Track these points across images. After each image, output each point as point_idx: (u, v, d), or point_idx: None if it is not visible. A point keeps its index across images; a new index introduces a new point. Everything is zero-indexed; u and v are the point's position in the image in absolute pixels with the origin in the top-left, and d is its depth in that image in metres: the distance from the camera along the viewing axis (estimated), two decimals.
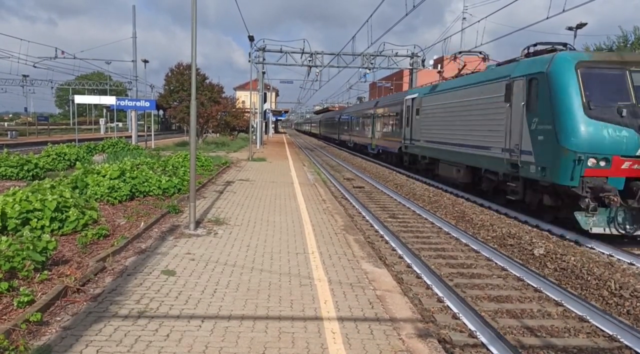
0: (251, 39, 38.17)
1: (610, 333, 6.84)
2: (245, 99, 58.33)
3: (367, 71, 47.98)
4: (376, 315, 6.03)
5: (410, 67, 46.35)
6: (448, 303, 7.80)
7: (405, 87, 55.37)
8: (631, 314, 7.66)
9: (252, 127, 40.18)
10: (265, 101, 50.01)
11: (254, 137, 40.85)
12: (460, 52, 22.71)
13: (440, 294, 8.18)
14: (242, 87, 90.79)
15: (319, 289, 6.85)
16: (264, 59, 45.05)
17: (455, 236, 12.51)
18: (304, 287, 6.94)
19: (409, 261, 10.11)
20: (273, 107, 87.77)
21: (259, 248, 9.01)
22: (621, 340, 6.64)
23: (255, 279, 7.19)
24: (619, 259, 10.07)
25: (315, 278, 7.35)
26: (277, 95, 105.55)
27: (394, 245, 11.39)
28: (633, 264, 9.73)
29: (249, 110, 46.72)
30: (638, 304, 7.81)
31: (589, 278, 9.04)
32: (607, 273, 9.02)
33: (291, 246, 9.22)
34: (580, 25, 34.14)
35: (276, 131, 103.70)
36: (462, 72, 21.92)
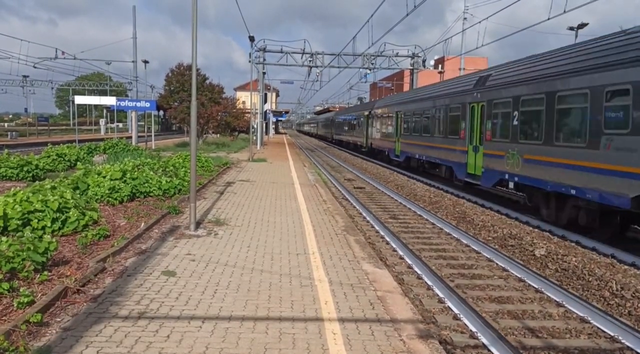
0: (251, 39, 38.23)
1: (612, 334, 6.82)
2: (246, 99, 58.34)
3: (368, 71, 48.08)
4: (377, 316, 6.02)
5: (411, 68, 46.39)
6: (449, 303, 7.78)
7: (406, 87, 55.34)
8: (632, 315, 7.64)
9: (253, 127, 40.18)
10: (265, 102, 50.01)
11: (255, 137, 40.84)
12: None
13: (441, 295, 8.16)
14: (243, 88, 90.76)
15: (320, 290, 6.84)
16: (264, 60, 45.10)
17: (456, 236, 12.49)
18: (305, 288, 6.92)
19: (409, 262, 10.10)
20: (273, 107, 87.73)
21: (259, 249, 8.99)
22: (622, 341, 6.62)
23: (256, 280, 7.17)
24: (621, 260, 10.05)
25: (315, 279, 7.33)
26: (277, 95, 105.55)
27: (394, 246, 11.38)
28: (635, 265, 9.70)
29: (249, 110, 46.71)
30: (639, 304, 7.79)
31: (590, 279, 9.03)
32: (609, 273, 9.00)
33: (292, 247, 9.21)
34: (582, 26, 34.19)
35: (277, 132, 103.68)
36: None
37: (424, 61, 46.01)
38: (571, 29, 34.83)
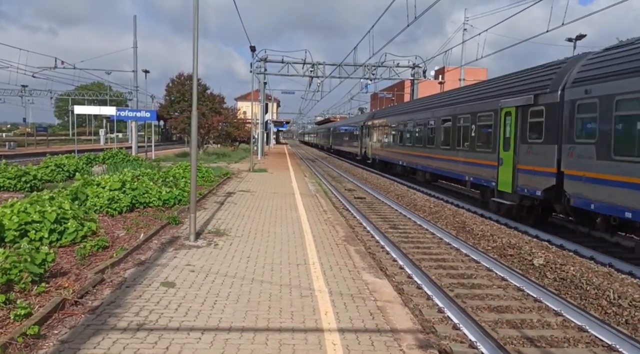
0: (252, 49, 38.32)
1: (609, 343, 6.82)
2: (247, 109, 58.37)
3: (369, 82, 48.07)
4: (377, 326, 6.00)
5: (412, 78, 46.49)
6: (448, 313, 7.77)
7: (407, 98, 55.54)
8: (630, 324, 7.64)
9: (253, 138, 40.23)
10: (266, 112, 50.11)
11: (255, 148, 40.89)
12: None
13: (440, 305, 8.15)
14: (244, 98, 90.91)
15: (320, 301, 6.82)
16: (265, 70, 45.28)
17: (455, 246, 12.47)
18: (305, 298, 6.90)
19: (409, 272, 10.08)
20: (274, 117, 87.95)
21: (259, 259, 8.98)
22: (620, 350, 6.60)
23: (256, 291, 7.16)
24: (618, 269, 10.05)
25: (316, 289, 7.31)
26: (278, 105, 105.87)
27: (394, 256, 11.37)
28: (632, 274, 9.70)
29: (250, 121, 46.80)
30: (637, 313, 7.79)
31: (588, 288, 9.02)
32: (606, 282, 9.00)
33: (292, 257, 9.19)
34: (580, 37, 34.38)
35: (277, 142, 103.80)
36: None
37: (424, 72, 46.08)
38: (569, 40, 35.01)
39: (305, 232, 11.52)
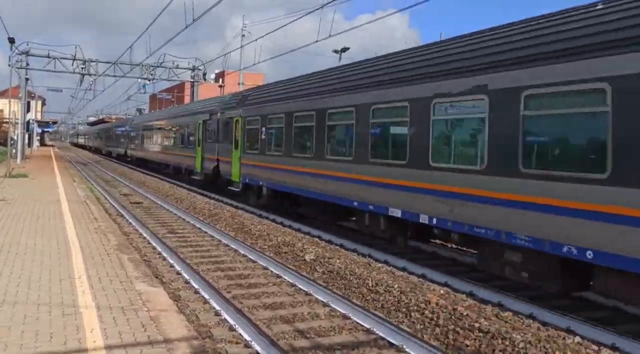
0: (11, 41, 34.71)
1: (368, 327, 7.52)
2: (4, 107, 52.19)
3: (147, 82, 46.68)
4: (149, 338, 5.80)
5: (192, 80, 46.25)
6: (225, 315, 7.83)
7: (187, 99, 54.88)
8: (385, 308, 8.54)
9: (12, 139, 36.12)
10: (28, 110, 45.46)
11: (14, 150, 36.77)
12: None
13: (217, 308, 8.18)
14: (1, 95, 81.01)
15: (85, 318, 6.36)
16: (27, 64, 41.37)
17: (234, 247, 12.67)
18: (67, 317, 6.37)
19: (187, 277, 9.93)
20: (39, 117, 79.96)
21: (13, 277, 8.03)
22: (377, 332, 7.33)
23: (6, 315, 6.34)
24: (376, 259, 11.21)
25: (81, 306, 6.80)
26: (43, 104, 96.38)
27: (172, 261, 11.11)
28: (387, 262, 10.90)
29: (8, 120, 41.94)
30: (390, 298, 8.75)
31: (351, 278, 9.87)
32: (366, 272, 9.96)
33: (54, 272, 8.41)
34: (344, 49, 38.27)
35: (43, 144, 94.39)
36: None
37: (204, 74, 46.16)
38: (336, 51, 38.69)
39: (72, 243, 10.68)
